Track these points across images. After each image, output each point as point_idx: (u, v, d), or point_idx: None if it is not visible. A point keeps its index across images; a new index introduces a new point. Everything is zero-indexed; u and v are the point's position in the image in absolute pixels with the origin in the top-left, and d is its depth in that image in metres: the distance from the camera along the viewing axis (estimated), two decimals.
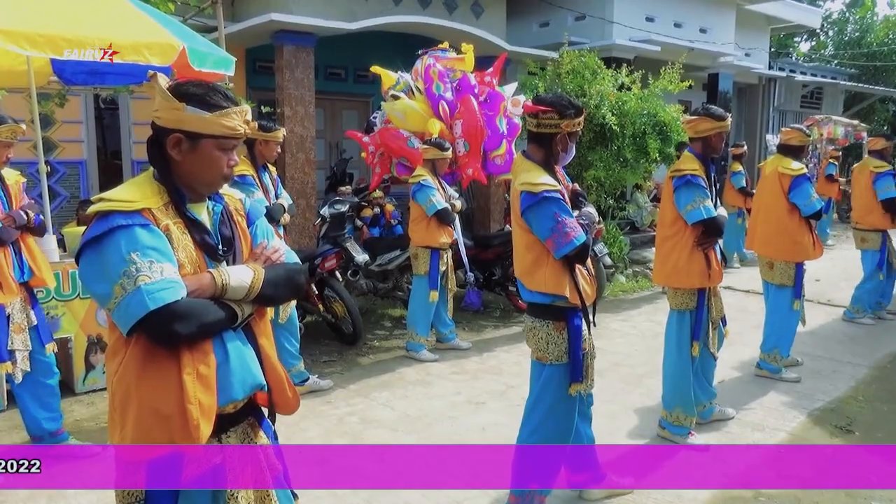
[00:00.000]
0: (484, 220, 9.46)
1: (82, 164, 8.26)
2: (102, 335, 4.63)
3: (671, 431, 3.88)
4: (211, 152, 1.69)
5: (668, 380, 3.90)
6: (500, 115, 6.11)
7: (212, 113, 1.65)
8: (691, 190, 3.62)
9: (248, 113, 1.74)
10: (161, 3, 5.21)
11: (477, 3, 9.68)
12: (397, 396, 4.67)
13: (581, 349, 2.84)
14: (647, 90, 8.01)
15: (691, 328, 3.77)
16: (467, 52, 6.25)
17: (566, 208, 2.75)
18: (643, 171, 8.18)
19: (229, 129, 1.68)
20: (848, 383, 4.90)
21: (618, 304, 7.56)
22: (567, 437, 2.94)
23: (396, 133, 6.07)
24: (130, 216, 1.58)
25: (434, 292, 5.42)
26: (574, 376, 2.83)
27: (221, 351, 1.67)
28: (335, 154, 10.14)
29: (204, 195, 1.78)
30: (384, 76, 6.32)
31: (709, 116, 3.69)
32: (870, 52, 20.98)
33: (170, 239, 1.63)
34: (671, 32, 11.85)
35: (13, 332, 3.50)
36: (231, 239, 1.79)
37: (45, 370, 3.67)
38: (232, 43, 7.41)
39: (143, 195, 1.65)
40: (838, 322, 6.61)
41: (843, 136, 12.70)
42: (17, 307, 3.55)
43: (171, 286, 1.55)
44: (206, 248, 1.72)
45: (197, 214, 1.74)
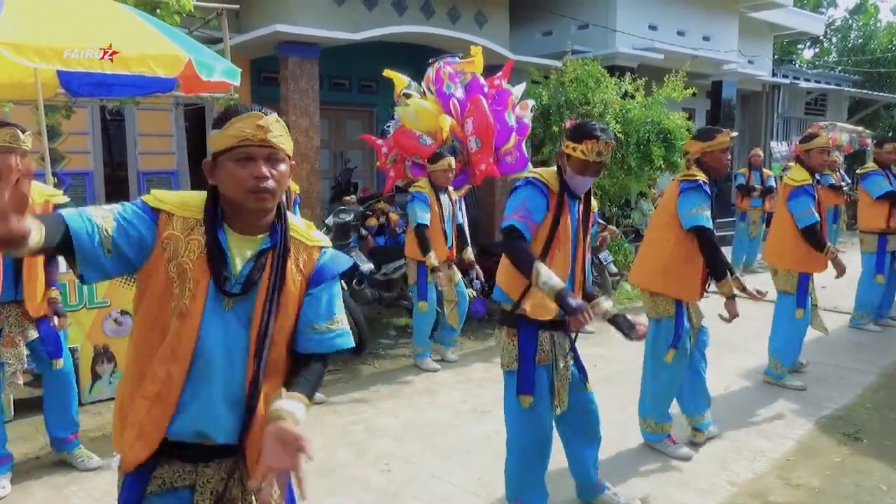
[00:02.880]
0: (488, 228, 9.47)
1: (89, 175, 8.31)
2: (109, 345, 4.64)
3: (651, 440, 3.89)
4: (227, 167, 1.60)
5: (646, 391, 3.87)
6: (508, 110, 6.22)
7: (222, 128, 1.61)
8: (698, 196, 3.58)
9: (261, 118, 1.61)
10: (167, 15, 5.25)
11: (480, 13, 9.72)
12: (402, 405, 4.66)
13: (531, 359, 2.83)
14: (651, 98, 8.03)
15: (672, 335, 3.69)
16: (476, 55, 6.36)
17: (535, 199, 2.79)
18: (647, 179, 8.19)
19: (234, 137, 1.59)
20: (855, 390, 4.88)
21: (623, 312, 7.53)
22: (536, 453, 2.92)
23: (409, 133, 6.13)
24: (147, 208, 1.61)
25: (423, 303, 5.41)
26: (520, 386, 2.85)
27: (198, 386, 1.61)
28: (340, 164, 10.17)
29: (253, 225, 1.66)
30: (396, 80, 6.38)
31: (695, 138, 3.73)
32: (873, 59, 20.99)
33: (166, 247, 1.59)
34: (674, 40, 11.88)
35: (3, 346, 3.44)
36: (253, 284, 1.64)
37: (55, 382, 3.66)
38: (237, 54, 7.45)
39: (184, 203, 1.64)
40: (844, 329, 6.57)
41: (848, 142, 12.69)
42: (12, 321, 3.47)
43: (80, 213, 1.51)
44: (215, 277, 1.61)
45: (230, 244, 1.64)
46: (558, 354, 2.89)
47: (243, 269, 1.64)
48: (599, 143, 2.71)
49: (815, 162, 4.69)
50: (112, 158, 9.34)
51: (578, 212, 2.88)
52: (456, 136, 6.11)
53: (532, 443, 2.92)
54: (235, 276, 1.64)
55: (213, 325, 1.62)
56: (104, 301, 4.61)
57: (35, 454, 3.87)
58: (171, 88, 5.08)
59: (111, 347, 4.65)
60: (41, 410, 3.77)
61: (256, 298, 1.65)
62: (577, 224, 2.88)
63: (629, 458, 3.82)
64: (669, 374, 3.74)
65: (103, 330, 4.63)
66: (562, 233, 2.82)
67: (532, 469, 2.95)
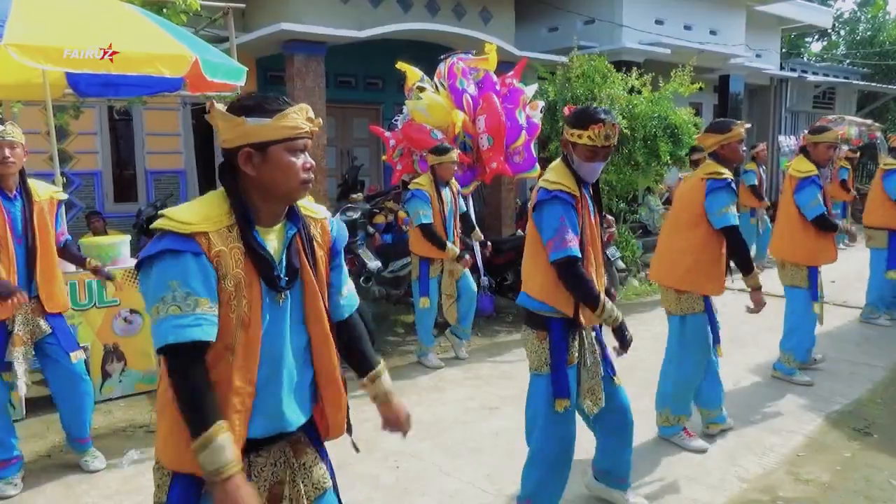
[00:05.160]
0: (495, 224, 9.46)
1: (97, 174, 8.36)
2: (119, 344, 4.67)
3: (666, 434, 3.91)
4: (281, 158, 1.60)
5: (669, 384, 3.88)
6: (519, 108, 6.24)
7: (272, 118, 1.59)
8: (727, 195, 3.62)
9: (309, 111, 1.66)
10: (173, 14, 5.27)
11: (486, 9, 9.70)
12: (411, 402, 4.66)
13: (565, 361, 2.75)
14: (658, 93, 8.00)
15: (705, 330, 3.74)
16: (490, 53, 6.38)
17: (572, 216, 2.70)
18: (654, 175, 8.16)
19: (292, 129, 1.60)
20: (865, 385, 4.85)
21: (631, 307, 7.52)
22: (562, 457, 2.87)
23: (420, 126, 6.12)
24: (183, 241, 1.53)
25: (424, 299, 5.40)
26: (556, 391, 2.76)
27: (270, 385, 1.66)
28: (346, 162, 10.19)
29: (279, 215, 1.68)
30: (409, 73, 6.39)
31: (710, 132, 3.73)
32: (882, 51, 20.82)
33: (219, 266, 1.57)
34: (681, 35, 11.82)
35: (12, 345, 3.43)
36: (297, 270, 1.68)
37: (70, 378, 3.60)
38: (243, 53, 7.48)
39: (206, 216, 1.58)
40: (854, 324, 6.54)
41: (857, 135, 12.58)
42: (20, 320, 3.45)
43: (199, 324, 1.51)
44: (265, 278, 1.62)
45: (264, 240, 1.64)
46: (587, 352, 2.81)
47: (281, 258, 1.67)
48: (606, 126, 2.64)
49: (820, 156, 4.67)
50: (120, 158, 9.39)
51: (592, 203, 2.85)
52: (467, 132, 6.11)
53: (560, 446, 2.84)
54: (278, 267, 1.66)
55: (273, 324, 1.66)
56: (114, 300, 4.64)
57: (47, 452, 3.90)
58: (179, 88, 5.10)
59: (121, 346, 4.68)
60: (53, 409, 3.79)
61: (305, 286, 1.71)
62: (594, 217, 2.84)
63: (637, 453, 3.78)
64: (694, 367, 3.78)
65: (113, 329, 4.66)
66: (588, 233, 2.77)
67: (555, 472, 2.87)
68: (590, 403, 2.82)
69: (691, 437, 3.86)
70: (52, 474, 3.63)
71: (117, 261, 4.77)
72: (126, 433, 4.17)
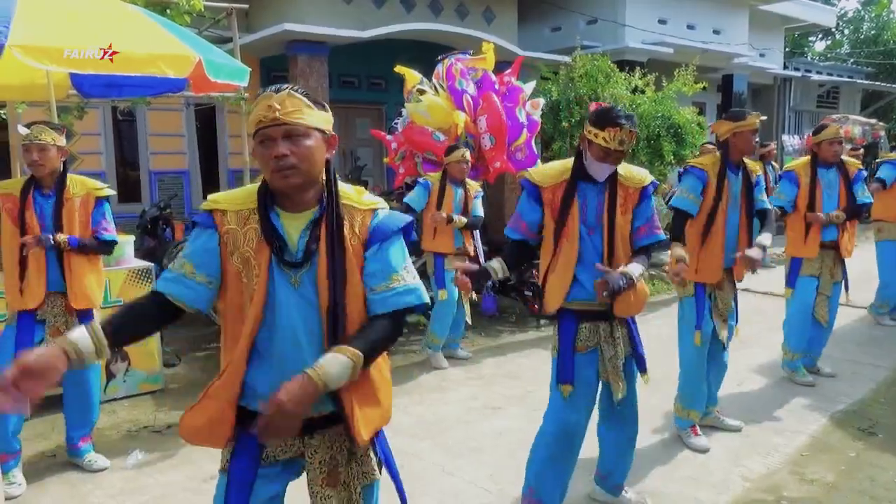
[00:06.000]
0: (498, 224, 9.46)
1: (102, 175, 8.37)
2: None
3: (678, 426, 3.96)
4: (256, 150, 1.69)
5: (679, 374, 3.96)
6: (519, 106, 6.24)
7: (254, 109, 1.67)
8: (686, 179, 3.79)
9: (271, 98, 1.63)
10: (177, 15, 5.27)
11: (489, 10, 9.71)
12: (414, 402, 4.67)
13: (570, 349, 2.81)
14: (661, 93, 7.99)
15: (694, 315, 3.78)
16: (488, 52, 6.36)
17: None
18: (658, 174, 8.14)
19: (253, 121, 1.67)
20: (869, 385, 4.85)
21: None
22: (564, 445, 2.87)
23: (421, 129, 6.12)
24: (205, 217, 1.74)
25: (443, 291, 5.39)
26: (559, 375, 2.83)
27: (287, 363, 1.69)
28: (349, 162, 10.19)
29: (301, 202, 1.71)
30: (408, 75, 6.38)
31: (726, 119, 3.77)
32: (886, 50, 20.78)
33: (227, 243, 1.71)
34: (684, 34, 11.80)
35: (49, 336, 3.49)
36: (311, 254, 1.69)
37: (77, 378, 3.62)
38: (246, 53, 7.48)
39: (235, 198, 1.75)
40: (858, 323, 6.52)
41: (861, 135, 12.56)
42: (56, 311, 3.53)
43: (177, 282, 1.70)
44: (277, 258, 1.69)
45: (283, 224, 1.70)
46: (603, 343, 2.83)
47: (299, 241, 1.70)
48: (622, 132, 2.63)
49: (826, 154, 4.68)
50: (124, 159, 9.42)
51: (604, 197, 2.80)
52: (469, 132, 6.11)
53: (560, 430, 2.86)
54: (293, 249, 1.70)
55: (286, 304, 1.69)
56: (117, 300, 4.65)
57: (51, 451, 3.90)
58: (182, 88, 5.11)
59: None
60: (58, 408, 3.80)
61: (318, 269, 1.69)
62: (603, 209, 2.80)
63: (642, 451, 3.80)
64: (685, 352, 3.86)
65: None
66: (570, 223, 2.78)
67: (555, 462, 2.88)
68: (613, 390, 2.85)
69: (697, 436, 3.87)
70: (57, 474, 3.64)
71: (121, 261, 4.79)
72: (130, 433, 4.18)
